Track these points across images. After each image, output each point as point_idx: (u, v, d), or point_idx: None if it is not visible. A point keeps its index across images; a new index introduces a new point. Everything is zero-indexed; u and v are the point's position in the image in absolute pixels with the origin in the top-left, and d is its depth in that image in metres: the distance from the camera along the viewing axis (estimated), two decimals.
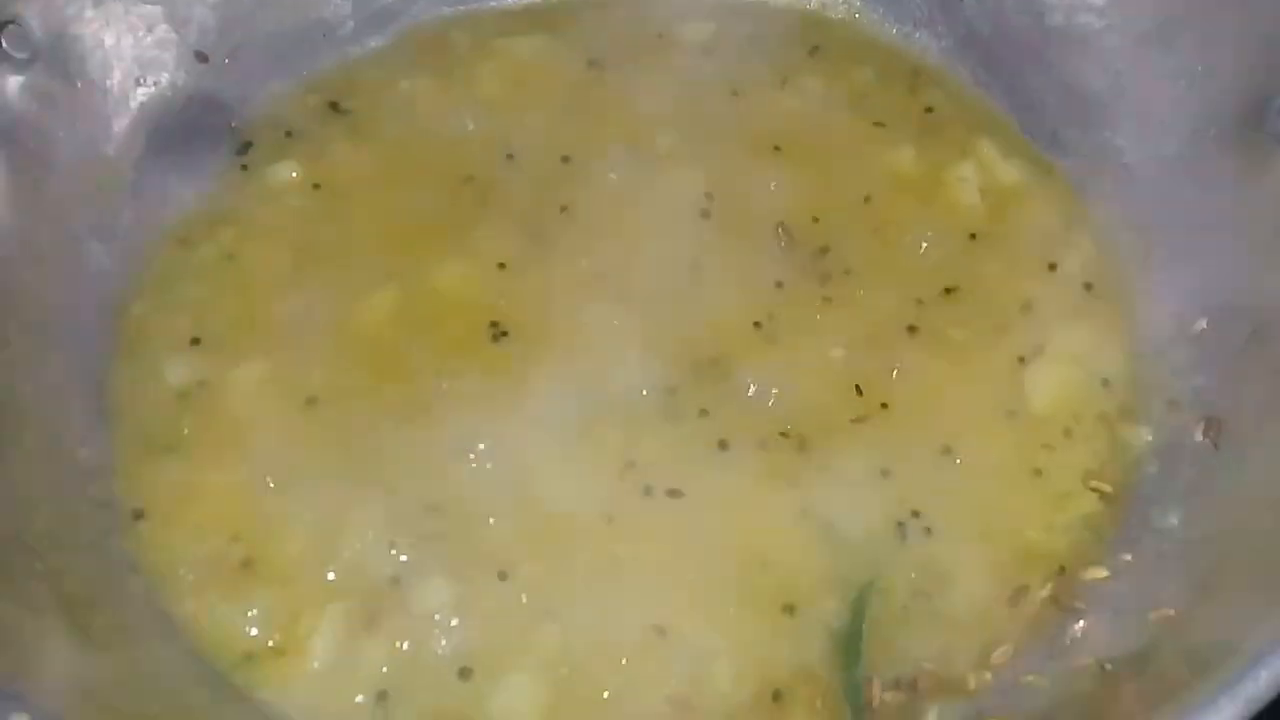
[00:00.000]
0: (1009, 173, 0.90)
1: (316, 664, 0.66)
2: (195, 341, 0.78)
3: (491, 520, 0.70)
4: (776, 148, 0.90)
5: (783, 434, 0.74)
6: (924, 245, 0.85)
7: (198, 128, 0.88)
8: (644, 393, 0.76)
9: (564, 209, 0.85)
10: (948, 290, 0.82)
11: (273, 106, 0.91)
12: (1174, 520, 0.70)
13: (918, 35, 0.97)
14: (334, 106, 0.92)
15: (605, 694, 0.65)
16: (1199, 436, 0.73)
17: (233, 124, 0.89)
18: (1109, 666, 0.63)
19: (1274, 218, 0.76)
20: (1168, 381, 0.77)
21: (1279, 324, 0.72)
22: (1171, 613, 0.63)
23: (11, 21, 0.77)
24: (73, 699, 0.54)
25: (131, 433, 0.75)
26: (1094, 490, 0.74)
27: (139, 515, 0.72)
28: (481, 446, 0.72)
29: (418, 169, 0.88)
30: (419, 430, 0.73)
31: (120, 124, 0.85)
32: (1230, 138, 0.80)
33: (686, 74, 0.96)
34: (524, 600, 0.68)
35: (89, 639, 0.61)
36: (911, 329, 0.80)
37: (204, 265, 0.82)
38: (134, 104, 0.86)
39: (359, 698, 0.66)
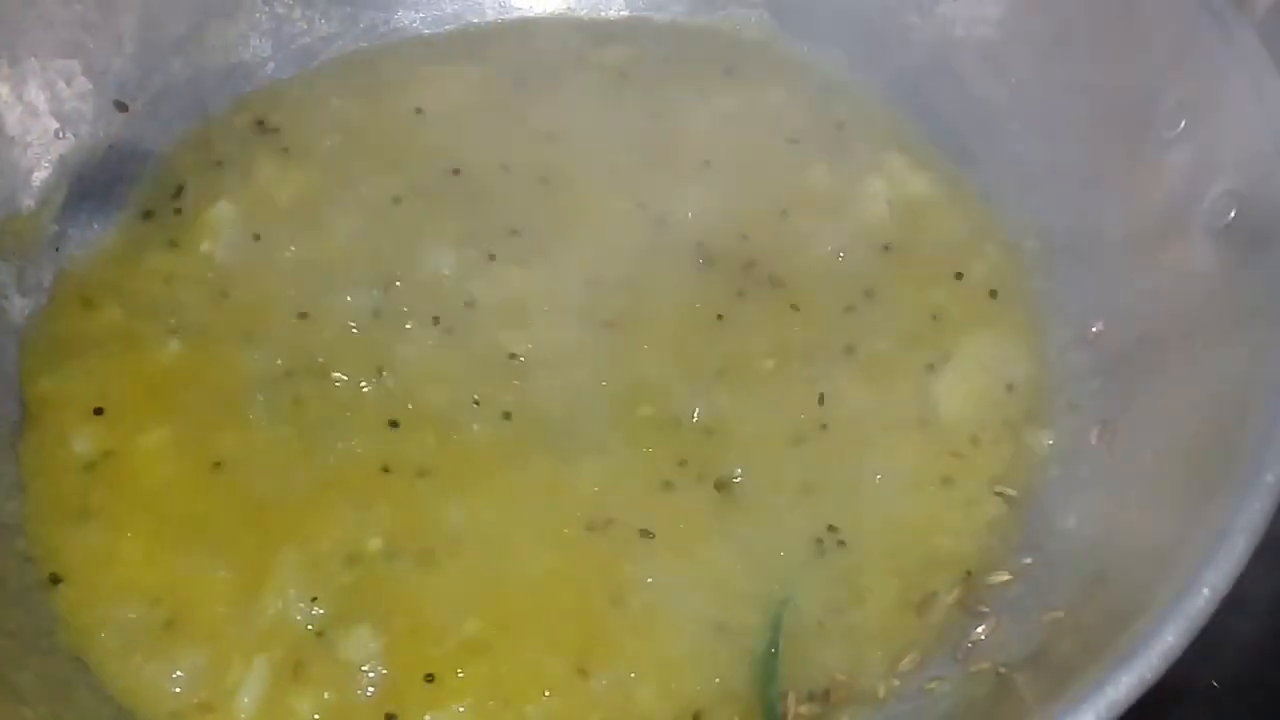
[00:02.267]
0: (918, 185, 0.92)
1: (244, 716, 0.67)
2: (99, 411, 0.78)
3: (406, 566, 0.72)
4: (704, 163, 0.92)
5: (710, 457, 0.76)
6: (841, 256, 0.87)
7: (120, 176, 0.90)
8: (575, 413, 0.78)
9: (512, 230, 0.87)
10: (867, 295, 0.84)
11: (197, 135, 0.93)
12: (1072, 522, 0.72)
13: (828, 52, 1.00)
14: (261, 125, 0.93)
15: None
16: (1094, 439, 0.75)
17: (156, 169, 0.91)
18: (1003, 670, 0.65)
19: (1162, 221, 0.78)
20: (1068, 385, 0.80)
21: (1165, 328, 0.75)
22: (1061, 614, 0.66)
23: None
24: None
25: (43, 498, 0.75)
26: (999, 495, 0.76)
27: (56, 580, 0.72)
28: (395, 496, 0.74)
29: (355, 185, 0.90)
30: (331, 485, 0.74)
31: (41, 176, 0.86)
32: (1121, 143, 0.82)
33: (608, 95, 0.98)
34: (446, 642, 0.69)
35: (19, 697, 0.63)
36: (835, 341, 0.82)
37: (106, 330, 0.82)
38: (54, 156, 0.87)
39: None
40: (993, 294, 0.85)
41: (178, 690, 0.69)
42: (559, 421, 0.77)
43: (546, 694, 0.68)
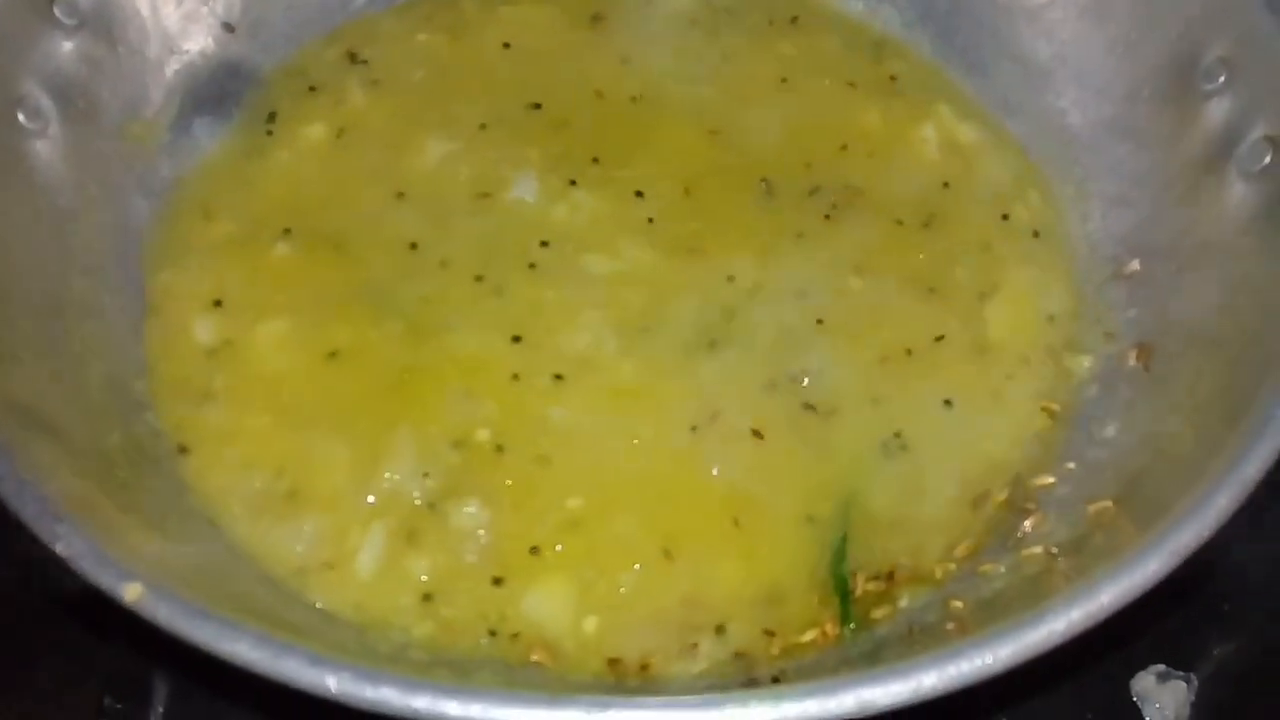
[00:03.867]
0: (965, 133, 0.99)
1: (364, 575, 0.74)
2: (218, 303, 0.84)
3: (509, 454, 0.78)
4: (768, 100, 0.99)
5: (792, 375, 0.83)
6: (897, 190, 0.94)
7: (227, 92, 0.95)
8: (664, 325, 0.85)
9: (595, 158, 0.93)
10: (925, 226, 0.91)
11: (294, 64, 0.98)
12: (1111, 431, 0.80)
13: (881, 9, 1.06)
14: (352, 57, 0.99)
15: (621, 590, 0.74)
16: (1132, 361, 0.83)
17: (258, 89, 0.96)
18: (1054, 550, 0.73)
19: (1197, 167, 0.86)
20: (1105, 315, 0.88)
21: (1199, 261, 0.83)
22: (1108, 503, 0.74)
23: None
24: (167, 577, 0.61)
25: (168, 380, 0.81)
26: (1044, 410, 0.84)
27: (184, 450, 0.78)
28: (501, 393, 0.81)
29: (441, 114, 0.95)
30: (439, 376, 0.81)
31: (156, 89, 0.92)
32: (1161, 98, 0.90)
33: (679, 37, 1.04)
34: (546, 519, 0.76)
35: (168, 538, 0.69)
36: (899, 265, 0.89)
37: (220, 232, 0.88)
38: (168, 71, 0.93)
39: (404, 600, 0.74)
40: (1035, 234, 0.93)
41: (302, 549, 0.75)
42: (652, 333, 0.84)
43: (637, 567, 0.75)
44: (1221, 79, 0.84)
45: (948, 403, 0.82)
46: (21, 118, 0.80)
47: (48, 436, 0.67)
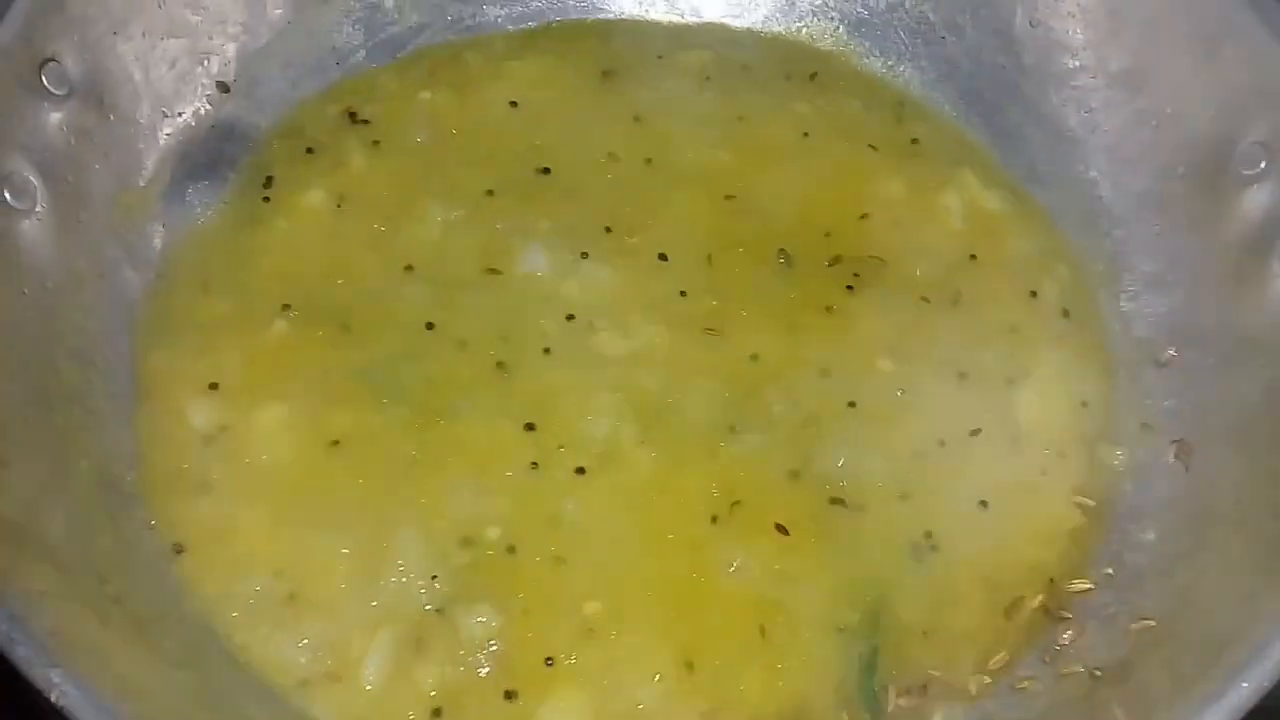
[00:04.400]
0: (990, 202, 0.96)
1: (370, 687, 0.70)
2: (213, 387, 0.80)
3: (521, 554, 0.75)
4: (785, 164, 0.95)
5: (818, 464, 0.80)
6: (921, 263, 0.90)
7: (222, 156, 0.91)
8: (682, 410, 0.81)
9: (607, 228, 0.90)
10: (953, 304, 0.88)
11: (292, 122, 0.94)
12: (1151, 536, 0.77)
13: (901, 69, 1.03)
14: (352, 116, 0.95)
15: (640, 706, 0.70)
16: (1171, 458, 0.80)
17: (254, 151, 0.92)
18: (1098, 673, 0.70)
19: (1236, 254, 0.83)
20: (1140, 405, 0.84)
21: (1243, 355, 0.79)
22: (1152, 623, 0.70)
23: (52, 59, 0.80)
24: (168, 715, 0.58)
25: (161, 470, 0.77)
26: (1078, 505, 0.80)
27: (179, 550, 0.74)
28: (513, 486, 0.77)
29: (445, 180, 0.91)
30: (448, 467, 0.77)
31: (150, 155, 0.88)
32: (1197, 177, 0.87)
33: (691, 95, 1.00)
34: (561, 626, 0.72)
35: (164, 659, 0.65)
36: (924, 347, 0.85)
37: (214, 308, 0.84)
38: (161, 135, 0.89)
39: (411, 715, 0.70)
40: (1065, 314, 0.90)
41: (304, 660, 0.71)
42: (670, 419, 0.80)
43: (656, 679, 0.72)
44: (1262, 164, 0.81)
45: (982, 502, 0.79)
46: (8, 197, 0.76)
47: (37, 555, 0.63)
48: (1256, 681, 0.57)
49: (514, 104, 0.97)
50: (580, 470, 0.78)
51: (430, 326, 0.84)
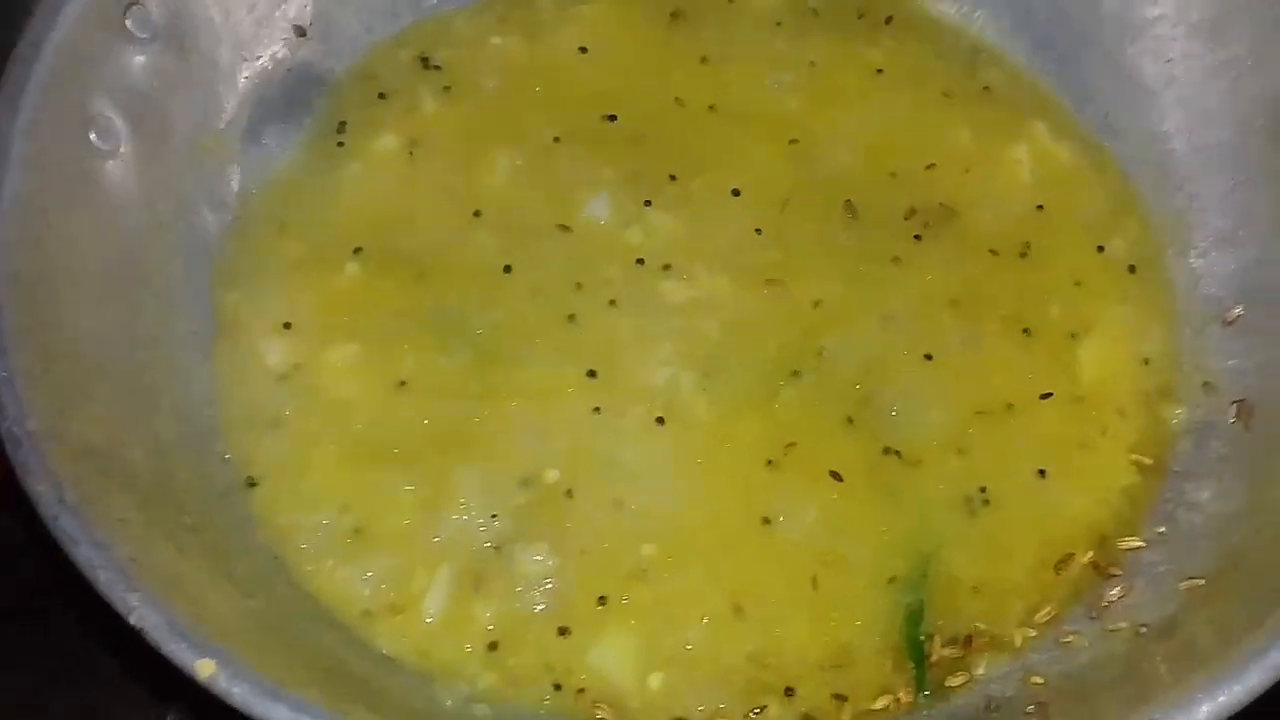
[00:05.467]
0: (1061, 154, 0.94)
1: (430, 620, 0.73)
2: (287, 326, 0.83)
3: (579, 497, 0.77)
4: (856, 111, 0.95)
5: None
6: (989, 214, 0.90)
7: (298, 100, 0.93)
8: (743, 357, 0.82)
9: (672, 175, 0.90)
10: (1021, 256, 0.87)
11: (365, 67, 0.96)
12: (1206, 495, 0.77)
13: (976, 15, 1.01)
14: (424, 61, 0.96)
15: (688, 646, 0.73)
16: (1231, 418, 0.79)
17: (328, 96, 0.94)
18: (1143, 630, 0.70)
19: None
20: (1203, 364, 0.84)
21: None
22: (1201, 582, 0.70)
23: (135, 3, 0.82)
24: (238, 642, 0.61)
25: (237, 406, 0.80)
26: (1134, 463, 0.80)
27: (252, 483, 0.77)
28: (573, 431, 0.79)
29: (513, 126, 0.92)
30: (510, 411, 0.79)
31: (228, 98, 0.90)
32: (1274, 132, 0.85)
33: (760, 39, 0.99)
34: (615, 568, 0.75)
35: (237, 587, 0.69)
36: (991, 299, 0.85)
37: (289, 250, 0.86)
38: (240, 78, 0.91)
39: (469, 647, 0.73)
40: (1131, 269, 0.89)
41: (368, 592, 0.74)
42: (731, 366, 0.81)
43: (705, 621, 0.74)
44: None
45: (1039, 459, 0.79)
46: (94, 138, 0.79)
47: (119, 483, 0.66)
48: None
49: (583, 49, 0.98)
50: (639, 417, 0.80)
51: (497, 272, 0.86)
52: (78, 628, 0.71)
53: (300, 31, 0.94)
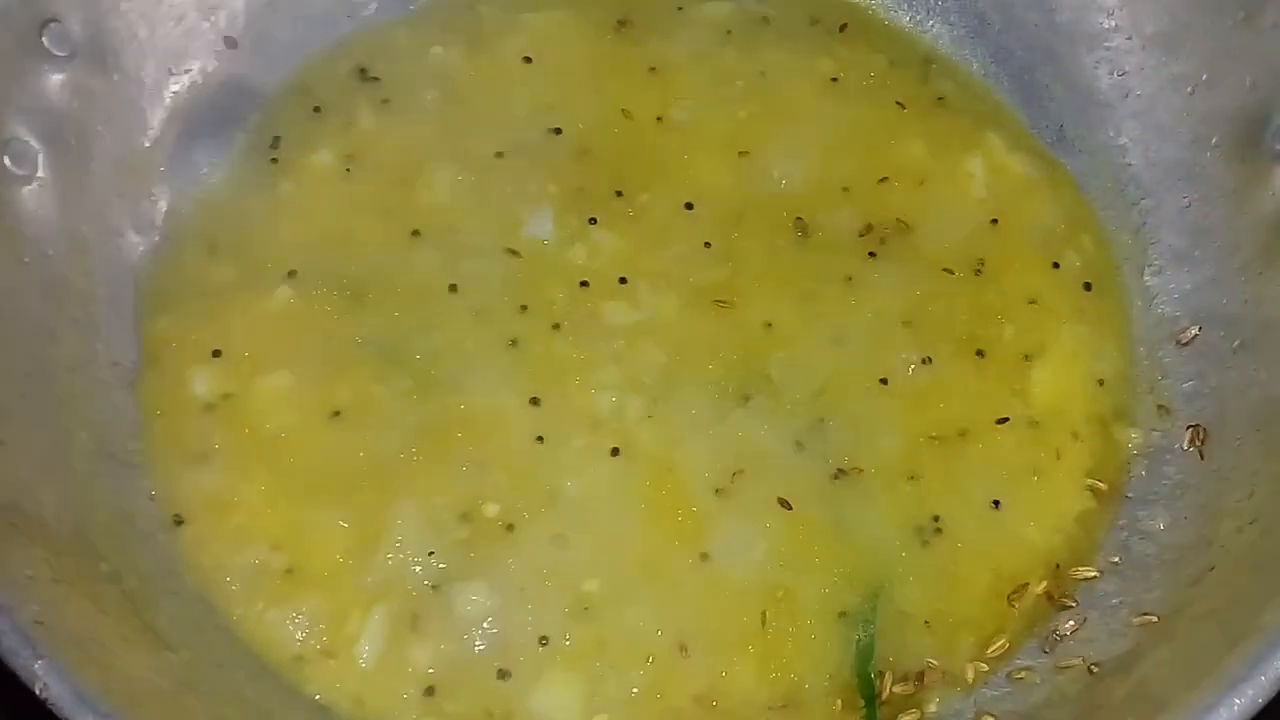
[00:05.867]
0: (1015, 167, 0.92)
1: (364, 664, 0.70)
2: (217, 354, 0.80)
3: (519, 532, 0.74)
4: (806, 122, 0.92)
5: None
6: (943, 230, 0.88)
7: (229, 114, 0.90)
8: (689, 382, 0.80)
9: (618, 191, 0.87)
10: (976, 273, 0.86)
11: (300, 79, 0.92)
12: (1160, 525, 0.75)
13: (930, 24, 0.99)
14: (362, 73, 0.92)
15: (634, 690, 0.70)
16: (1185, 444, 0.78)
17: (261, 110, 0.91)
18: (1095, 669, 0.69)
19: (1267, 233, 0.80)
20: (1158, 385, 0.82)
21: (1266, 339, 0.77)
22: (1154, 619, 0.69)
23: (53, 20, 0.79)
24: (152, 706, 0.58)
25: (164, 439, 0.77)
26: (1089, 488, 0.78)
27: (179, 521, 0.75)
28: (514, 462, 0.76)
29: (454, 141, 0.89)
30: (449, 442, 0.77)
31: (155, 114, 0.87)
32: (1230, 150, 0.84)
33: (709, 50, 0.97)
34: (556, 606, 0.72)
35: (158, 638, 0.66)
36: (942, 319, 0.83)
37: (219, 273, 0.83)
38: (167, 93, 0.88)
39: (405, 693, 0.70)
40: (1087, 286, 0.87)
41: (300, 635, 0.72)
42: (676, 391, 0.79)
43: (650, 661, 0.72)
44: None
45: (992, 486, 0.77)
46: (8, 163, 0.75)
47: (28, 537, 0.63)
48: (1251, 699, 0.56)
49: (527, 59, 0.95)
50: (583, 446, 0.77)
51: (436, 295, 0.83)
52: None
53: (231, 43, 0.91)
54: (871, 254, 0.86)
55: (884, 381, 0.81)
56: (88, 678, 0.56)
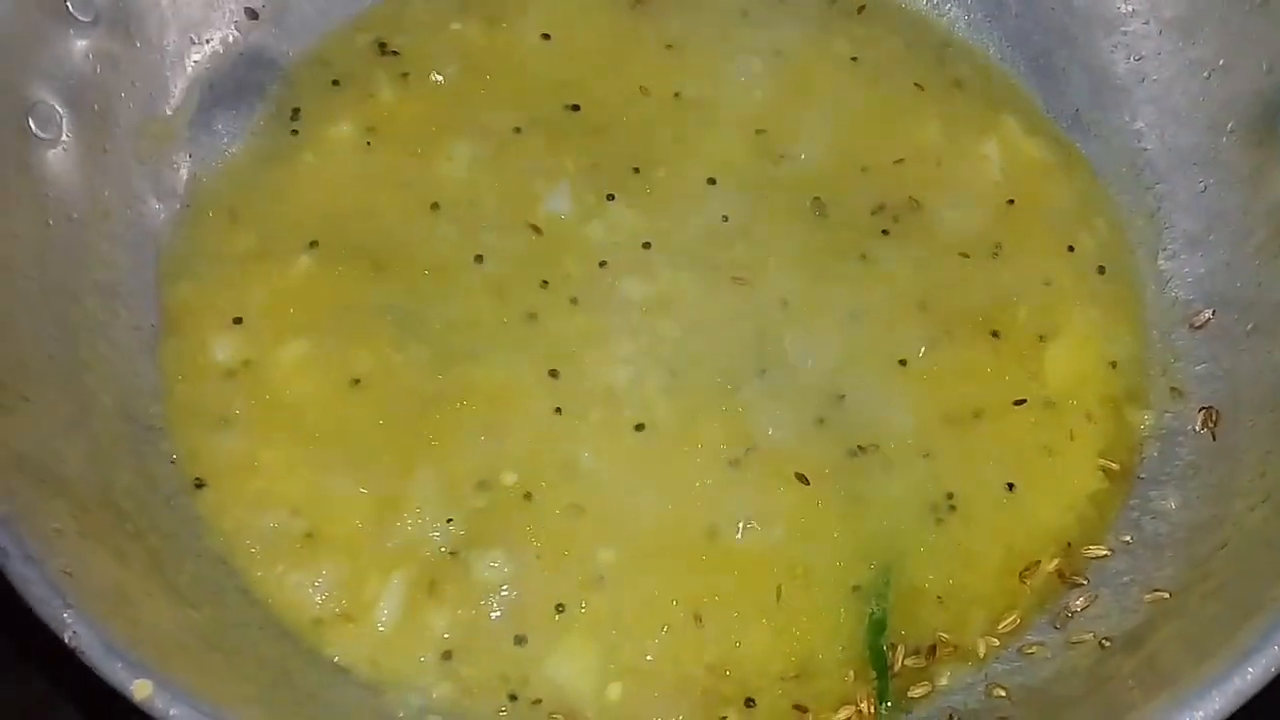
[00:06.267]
0: (1031, 151, 0.93)
1: (383, 628, 0.71)
2: (238, 320, 0.80)
3: (537, 501, 0.75)
4: (823, 102, 0.93)
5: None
6: (958, 212, 0.88)
7: (249, 85, 0.90)
8: (707, 355, 0.81)
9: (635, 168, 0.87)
10: (993, 255, 0.86)
11: (320, 52, 0.93)
12: (1172, 504, 0.76)
13: (948, 6, 1.00)
14: (382, 47, 0.93)
15: (648, 658, 0.71)
16: (1198, 426, 0.78)
17: (282, 81, 0.91)
18: (1106, 643, 0.69)
19: None
20: (1171, 368, 0.83)
21: (1276, 324, 0.77)
22: (1166, 595, 0.70)
23: None
24: (177, 659, 0.59)
25: (185, 403, 0.78)
26: (1102, 469, 0.79)
27: (199, 485, 0.75)
28: (532, 432, 0.77)
29: (473, 116, 0.90)
30: (467, 411, 0.77)
31: (177, 83, 0.87)
32: (1245, 135, 0.84)
33: (726, 29, 0.97)
34: (572, 574, 0.73)
35: (180, 596, 0.66)
36: (958, 301, 0.84)
37: (240, 241, 0.84)
38: (189, 63, 0.88)
39: (423, 657, 0.71)
40: (1100, 270, 0.87)
41: (319, 600, 0.72)
42: (694, 364, 0.80)
43: (664, 630, 0.72)
44: None
45: (1006, 465, 0.78)
46: (33, 126, 0.76)
47: (55, 492, 0.64)
48: (1263, 669, 0.56)
49: (545, 36, 0.95)
50: (601, 417, 0.78)
51: (455, 267, 0.83)
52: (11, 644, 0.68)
53: (252, 14, 0.91)
54: (886, 232, 0.86)
55: (900, 360, 0.81)
56: (115, 628, 0.57)
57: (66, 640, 0.55)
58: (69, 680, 0.57)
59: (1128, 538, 0.76)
